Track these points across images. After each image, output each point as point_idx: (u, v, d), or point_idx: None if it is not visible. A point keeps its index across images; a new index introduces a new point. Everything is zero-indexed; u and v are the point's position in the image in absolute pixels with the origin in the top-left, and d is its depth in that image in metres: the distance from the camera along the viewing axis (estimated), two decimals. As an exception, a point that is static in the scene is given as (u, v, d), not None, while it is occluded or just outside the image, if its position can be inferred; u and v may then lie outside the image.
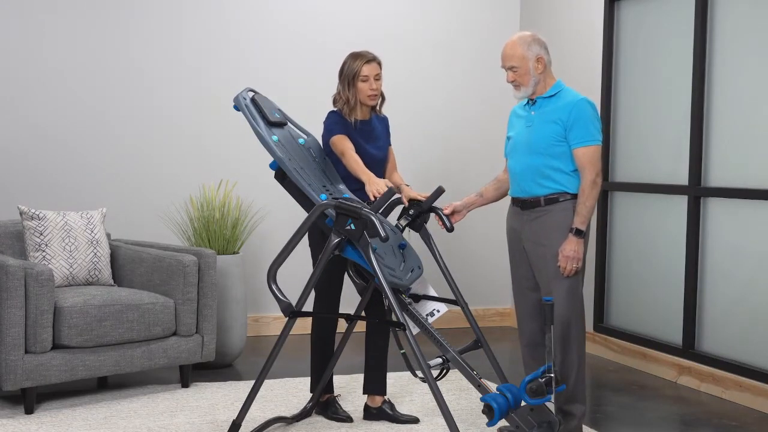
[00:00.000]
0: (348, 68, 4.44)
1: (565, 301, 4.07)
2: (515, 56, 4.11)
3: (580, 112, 4.04)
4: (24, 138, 5.98)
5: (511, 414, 3.70)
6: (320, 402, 4.62)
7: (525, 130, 4.16)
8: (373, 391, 4.59)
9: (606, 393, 5.25)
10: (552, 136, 4.06)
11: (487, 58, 7.09)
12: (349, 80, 4.42)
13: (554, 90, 4.14)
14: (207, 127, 6.40)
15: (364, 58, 4.43)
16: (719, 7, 5.28)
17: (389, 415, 4.55)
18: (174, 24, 6.31)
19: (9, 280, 4.42)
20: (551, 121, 4.07)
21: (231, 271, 5.59)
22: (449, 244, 6.82)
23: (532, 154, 4.10)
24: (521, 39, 4.13)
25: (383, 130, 4.62)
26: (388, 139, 4.64)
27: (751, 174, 5.08)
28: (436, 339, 4.00)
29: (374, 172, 4.36)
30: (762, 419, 4.79)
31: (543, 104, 4.14)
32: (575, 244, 4.01)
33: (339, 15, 6.70)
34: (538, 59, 4.10)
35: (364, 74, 4.41)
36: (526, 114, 4.21)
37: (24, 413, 4.53)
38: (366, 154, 4.44)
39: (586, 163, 4.02)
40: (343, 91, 4.45)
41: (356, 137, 4.45)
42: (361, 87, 4.42)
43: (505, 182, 4.38)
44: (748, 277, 5.08)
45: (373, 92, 4.44)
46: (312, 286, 4.02)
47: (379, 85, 4.45)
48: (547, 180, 4.08)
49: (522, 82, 4.12)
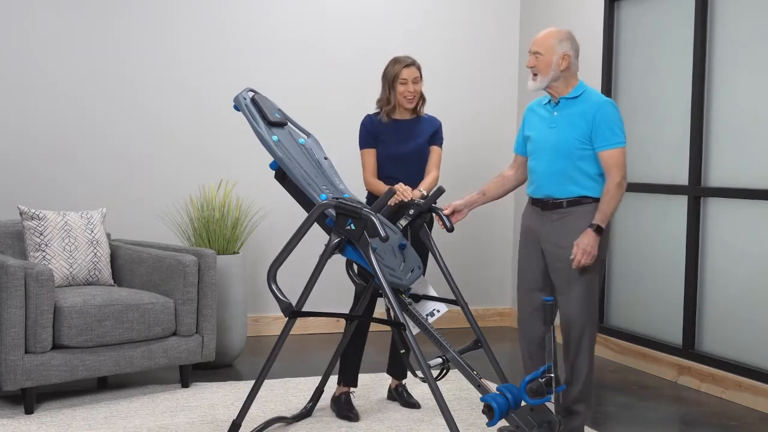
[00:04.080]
0: (388, 72, 4.75)
1: (580, 303, 4.04)
2: (544, 44, 4.07)
3: (604, 115, 4.01)
4: (24, 138, 5.98)
5: (511, 414, 3.70)
6: (334, 396, 4.70)
7: (548, 132, 4.11)
8: (394, 373, 4.95)
9: (606, 393, 5.25)
10: (577, 140, 4.02)
11: (486, 57, 7.10)
12: (389, 83, 4.73)
13: (577, 91, 4.09)
14: (207, 127, 6.40)
15: (403, 63, 4.73)
16: (719, 7, 5.29)
17: (401, 397, 4.89)
18: (174, 24, 6.31)
19: (9, 280, 4.42)
20: (576, 124, 4.03)
21: (231, 271, 5.59)
22: (449, 244, 6.82)
23: (557, 157, 4.05)
24: (557, 32, 4.10)
25: (426, 130, 4.81)
26: (430, 138, 4.81)
27: (751, 174, 5.08)
28: (436, 339, 4.00)
29: (404, 170, 4.72)
30: (762, 419, 4.79)
31: (566, 105, 4.09)
32: (592, 239, 3.95)
33: (339, 15, 6.70)
34: (564, 56, 4.05)
35: (402, 77, 4.70)
36: (548, 114, 4.15)
37: (24, 413, 4.53)
38: (394, 152, 4.73)
39: (613, 165, 3.99)
40: (384, 93, 4.76)
41: (388, 137, 4.73)
42: (400, 89, 4.70)
43: (511, 180, 4.37)
44: (748, 277, 5.08)
45: (411, 94, 4.72)
46: (312, 286, 4.02)
47: (417, 88, 4.73)
48: (571, 183, 4.04)
49: (541, 70, 4.07)
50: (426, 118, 4.84)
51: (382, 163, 4.74)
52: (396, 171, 4.71)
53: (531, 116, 4.26)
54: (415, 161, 4.75)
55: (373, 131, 4.75)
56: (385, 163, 4.74)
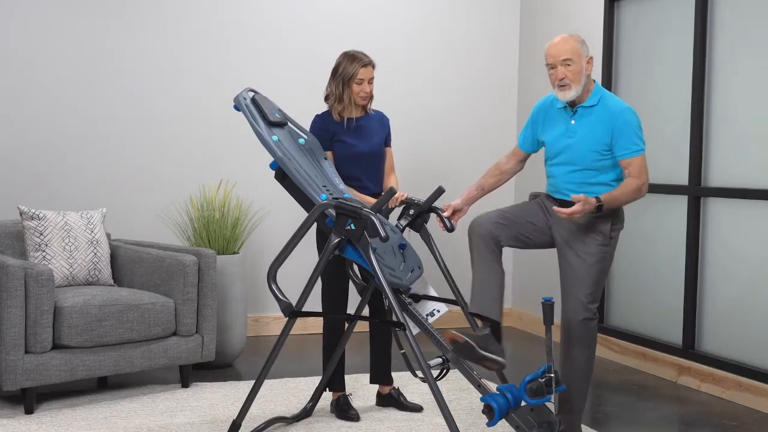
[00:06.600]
0: (343, 70, 4.53)
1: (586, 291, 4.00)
2: (572, 50, 3.89)
3: (625, 124, 3.92)
4: (24, 138, 5.98)
5: (511, 414, 3.70)
6: (333, 400, 4.69)
7: (566, 140, 4.00)
8: (380, 381, 4.79)
9: (606, 393, 5.25)
10: (598, 151, 3.95)
11: (485, 57, 7.10)
12: (344, 81, 4.52)
13: (596, 98, 3.98)
14: (207, 127, 6.39)
15: (361, 62, 4.52)
16: (719, 7, 5.28)
17: (397, 402, 4.75)
18: (174, 24, 6.31)
19: (9, 280, 4.42)
20: (594, 136, 3.94)
21: (231, 271, 5.59)
22: (449, 244, 6.82)
23: (576, 167, 3.99)
24: (573, 37, 3.95)
25: (379, 128, 4.68)
26: (384, 137, 4.69)
27: (751, 174, 5.08)
28: (436, 339, 4.00)
29: (366, 169, 4.56)
30: (762, 419, 4.79)
31: (585, 113, 3.98)
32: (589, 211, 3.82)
33: (339, 16, 6.70)
34: (589, 60, 3.94)
35: (359, 77, 4.51)
36: (564, 120, 4.03)
37: (24, 413, 4.53)
38: (356, 151, 4.56)
39: (635, 172, 3.93)
40: (336, 90, 4.55)
41: (345, 136, 4.55)
42: (356, 89, 4.53)
43: (507, 173, 4.31)
44: (748, 277, 5.08)
45: (366, 94, 4.55)
46: (312, 286, 4.02)
47: (372, 87, 4.57)
48: (590, 192, 3.94)
49: (574, 80, 3.89)
50: (375, 115, 4.69)
51: (341, 163, 4.55)
52: (357, 171, 4.57)
53: (543, 117, 4.15)
54: (374, 160, 4.62)
55: (329, 132, 4.55)
56: (345, 163, 4.55)
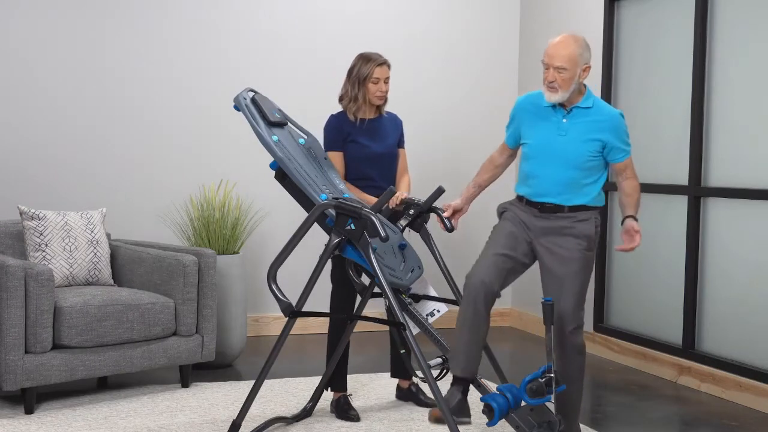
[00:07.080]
0: (359, 70, 4.58)
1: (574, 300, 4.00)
2: (568, 57, 3.85)
3: (618, 129, 3.96)
4: (24, 139, 5.98)
5: (511, 414, 3.70)
6: (333, 400, 4.69)
7: (557, 139, 3.97)
8: (400, 375, 4.89)
9: (606, 393, 5.25)
10: (590, 153, 3.95)
11: (485, 57, 7.10)
12: (359, 81, 4.57)
13: (589, 101, 3.98)
14: (207, 127, 6.40)
15: (376, 62, 4.58)
16: (719, 7, 5.29)
17: (416, 397, 4.84)
18: (174, 24, 6.31)
19: (9, 280, 4.42)
20: (590, 136, 3.94)
21: (231, 271, 5.59)
22: (449, 244, 6.82)
23: (567, 167, 3.96)
24: (577, 41, 3.90)
25: (393, 129, 4.73)
26: (398, 138, 4.75)
27: (751, 174, 5.08)
28: (436, 339, 4.00)
29: (380, 170, 4.61)
30: (762, 419, 4.79)
31: (578, 114, 3.97)
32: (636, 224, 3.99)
33: (339, 17, 6.70)
34: (586, 68, 3.92)
35: (375, 77, 4.56)
36: (555, 119, 3.99)
37: (24, 413, 4.53)
38: (370, 152, 4.60)
39: (632, 173, 4.04)
40: (352, 90, 4.60)
41: (360, 137, 4.58)
42: (371, 89, 4.57)
43: (501, 167, 4.26)
44: (748, 277, 5.08)
45: (382, 94, 4.59)
46: (312, 286, 4.02)
47: (387, 87, 4.61)
48: (577, 194, 3.97)
49: (563, 86, 3.89)
50: (389, 117, 4.74)
51: (355, 164, 4.60)
52: (372, 171, 4.60)
53: (526, 116, 4.08)
54: (388, 160, 4.66)
55: (343, 132, 4.59)
56: (360, 163, 4.59)
